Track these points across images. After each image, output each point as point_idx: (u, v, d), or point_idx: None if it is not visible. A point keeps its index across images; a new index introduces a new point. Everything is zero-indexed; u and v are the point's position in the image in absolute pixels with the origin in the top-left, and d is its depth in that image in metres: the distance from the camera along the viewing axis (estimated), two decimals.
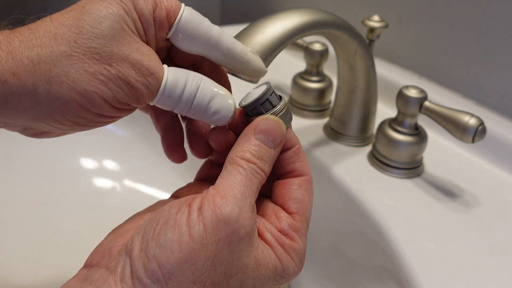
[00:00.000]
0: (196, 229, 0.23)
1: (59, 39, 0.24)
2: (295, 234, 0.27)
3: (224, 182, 0.25)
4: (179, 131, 0.33)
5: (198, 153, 0.32)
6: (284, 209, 0.27)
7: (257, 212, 0.28)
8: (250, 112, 0.29)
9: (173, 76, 0.27)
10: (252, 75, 0.30)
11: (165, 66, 0.27)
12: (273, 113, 0.28)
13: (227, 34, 0.29)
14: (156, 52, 0.28)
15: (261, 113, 0.28)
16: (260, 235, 0.26)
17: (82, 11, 0.25)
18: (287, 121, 0.29)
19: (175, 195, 0.32)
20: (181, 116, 0.33)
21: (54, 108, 0.25)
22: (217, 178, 0.27)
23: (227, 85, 0.31)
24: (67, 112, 0.25)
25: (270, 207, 0.28)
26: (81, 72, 0.24)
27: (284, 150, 0.29)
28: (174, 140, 0.33)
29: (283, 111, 0.29)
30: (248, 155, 0.26)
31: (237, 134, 0.29)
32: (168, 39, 0.28)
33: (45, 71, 0.24)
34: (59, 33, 0.24)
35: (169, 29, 0.28)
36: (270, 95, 0.29)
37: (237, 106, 0.30)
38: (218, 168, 0.30)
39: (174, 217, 0.24)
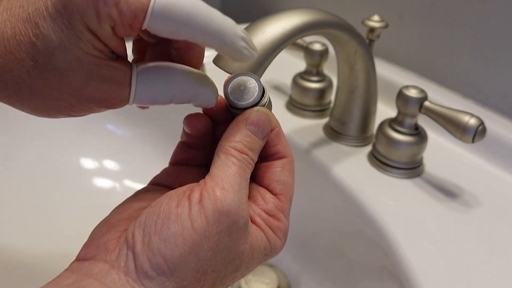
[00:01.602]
0: (199, 222, 0.24)
1: (20, 64, 0.24)
2: (281, 215, 0.28)
3: (220, 173, 0.25)
4: None
5: None
6: (270, 191, 0.29)
7: None
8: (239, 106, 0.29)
9: (142, 93, 0.26)
10: (240, 61, 0.28)
11: (133, 74, 0.26)
12: (262, 104, 0.29)
13: (215, 16, 0.25)
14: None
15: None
16: (251, 219, 0.27)
17: (34, 30, 0.24)
18: (271, 109, 0.30)
19: (156, 183, 0.31)
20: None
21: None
22: (195, 161, 0.31)
23: (201, 60, 0.30)
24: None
25: (255, 189, 0.29)
26: (48, 103, 0.25)
27: None
28: None
29: (269, 100, 0.29)
30: (241, 146, 0.27)
31: (214, 120, 0.30)
32: None
33: (19, 78, 0.25)
34: (17, 58, 0.24)
35: (140, 28, 0.24)
36: (263, 92, 0.29)
37: (229, 96, 0.29)
38: (193, 151, 0.31)
39: (175, 211, 0.24)
